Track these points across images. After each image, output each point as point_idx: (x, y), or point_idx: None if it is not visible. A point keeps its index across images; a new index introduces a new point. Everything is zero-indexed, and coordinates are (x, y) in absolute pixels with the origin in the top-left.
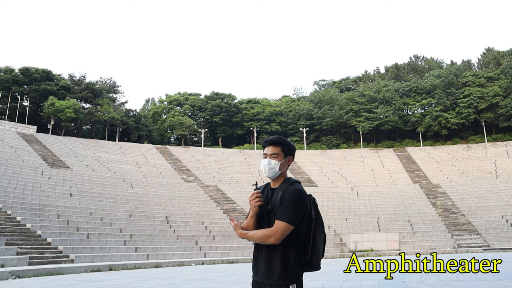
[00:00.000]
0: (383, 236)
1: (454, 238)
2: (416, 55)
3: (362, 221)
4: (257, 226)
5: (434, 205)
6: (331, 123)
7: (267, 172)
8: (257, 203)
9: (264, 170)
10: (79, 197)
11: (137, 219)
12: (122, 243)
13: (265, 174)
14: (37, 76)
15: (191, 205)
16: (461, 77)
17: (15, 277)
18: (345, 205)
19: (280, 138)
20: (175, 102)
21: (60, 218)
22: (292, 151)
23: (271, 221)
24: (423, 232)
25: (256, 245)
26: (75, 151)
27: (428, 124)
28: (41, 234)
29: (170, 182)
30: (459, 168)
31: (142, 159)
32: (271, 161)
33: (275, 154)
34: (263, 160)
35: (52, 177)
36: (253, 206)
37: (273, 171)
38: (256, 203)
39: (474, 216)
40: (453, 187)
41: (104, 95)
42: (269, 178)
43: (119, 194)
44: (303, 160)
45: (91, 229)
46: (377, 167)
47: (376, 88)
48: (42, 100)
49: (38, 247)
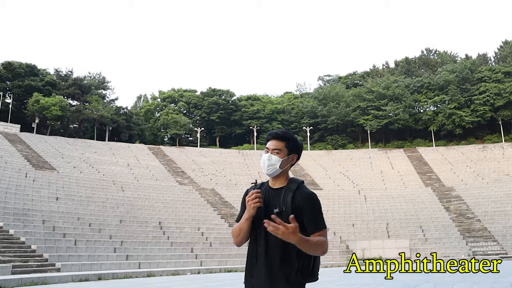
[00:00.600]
0: (392, 243)
1: (469, 245)
2: (428, 48)
3: (370, 227)
4: (250, 230)
5: (447, 209)
6: (336, 122)
7: (266, 169)
8: (256, 204)
9: (263, 166)
10: (66, 201)
11: (128, 225)
12: (112, 250)
13: (264, 171)
14: (21, 71)
15: (186, 210)
16: (476, 72)
17: None
18: (352, 209)
19: (286, 133)
20: (169, 99)
21: (46, 224)
22: (298, 149)
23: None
24: (435, 239)
25: (250, 253)
26: (61, 152)
27: (441, 123)
28: (25, 241)
29: (163, 185)
30: (474, 170)
31: (134, 160)
32: (272, 156)
33: (278, 149)
34: (264, 154)
35: (37, 180)
36: (251, 208)
37: (272, 168)
38: (255, 204)
39: (491, 222)
40: (468, 190)
41: (93, 91)
42: (268, 175)
43: (109, 198)
44: (307, 161)
45: (79, 236)
46: (386, 169)
47: (385, 84)
48: (26, 97)
49: (21, 255)
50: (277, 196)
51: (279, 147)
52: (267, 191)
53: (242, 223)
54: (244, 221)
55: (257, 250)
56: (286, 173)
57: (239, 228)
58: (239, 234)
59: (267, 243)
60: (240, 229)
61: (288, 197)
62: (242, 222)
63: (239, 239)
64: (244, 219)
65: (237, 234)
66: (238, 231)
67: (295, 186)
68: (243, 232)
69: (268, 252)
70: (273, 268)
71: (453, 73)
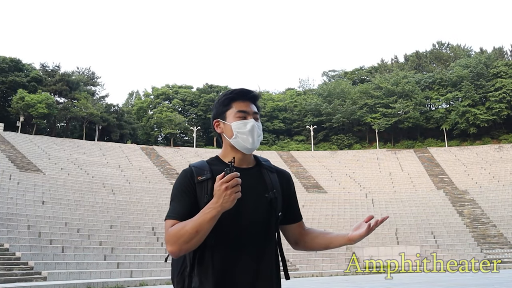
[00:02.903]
0: (402, 250)
1: (484, 253)
2: (440, 41)
3: (378, 232)
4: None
5: (461, 214)
6: (342, 120)
7: (256, 140)
8: (237, 194)
9: (250, 136)
10: (53, 205)
11: (120, 231)
12: (102, 257)
13: (248, 149)
14: (4, 66)
15: None
16: (492, 67)
17: None
18: (359, 214)
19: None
20: (163, 96)
21: (31, 230)
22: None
23: (271, 215)
24: (448, 246)
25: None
26: (48, 152)
27: (454, 121)
28: (8, 248)
29: (157, 188)
30: (489, 172)
31: (125, 161)
32: (259, 124)
33: (259, 114)
34: (250, 120)
35: (21, 182)
36: (231, 199)
37: (259, 141)
38: (235, 193)
39: (507, 227)
40: (483, 193)
41: (82, 87)
42: (250, 150)
43: (99, 202)
44: (310, 162)
45: (67, 242)
46: (395, 171)
47: (394, 80)
48: (10, 94)
49: (5, 263)
50: (251, 178)
51: (258, 111)
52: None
53: (205, 220)
54: (209, 217)
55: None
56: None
57: (195, 229)
58: (193, 237)
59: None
60: (198, 230)
61: (273, 178)
62: (204, 220)
63: (190, 245)
64: (209, 216)
65: (189, 237)
66: (193, 233)
67: (270, 164)
68: (202, 234)
69: (255, 243)
70: (272, 266)
71: (467, 68)
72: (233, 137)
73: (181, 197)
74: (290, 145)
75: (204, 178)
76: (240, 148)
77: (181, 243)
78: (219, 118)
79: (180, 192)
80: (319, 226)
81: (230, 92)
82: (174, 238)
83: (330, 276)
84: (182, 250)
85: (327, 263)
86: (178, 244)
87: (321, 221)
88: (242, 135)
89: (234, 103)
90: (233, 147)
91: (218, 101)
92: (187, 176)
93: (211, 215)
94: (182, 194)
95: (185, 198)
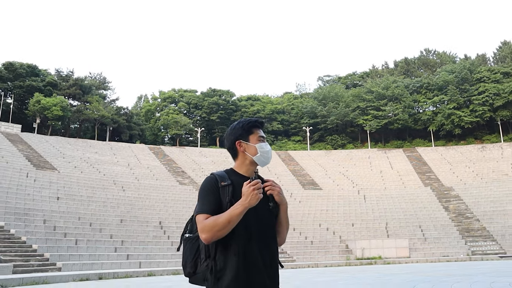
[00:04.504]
0: (392, 242)
1: (468, 245)
2: (427, 49)
3: (369, 226)
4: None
5: (446, 209)
6: (336, 122)
7: (269, 160)
8: (260, 194)
9: (269, 157)
10: (67, 201)
11: (129, 224)
12: (112, 250)
13: (265, 163)
14: (22, 72)
15: (187, 210)
16: (475, 73)
17: None
18: (351, 209)
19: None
20: (169, 99)
21: (47, 223)
22: None
23: (270, 219)
24: (435, 239)
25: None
26: (62, 152)
27: (440, 123)
28: (26, 241)
29: (164, 185)
30: (473, 170)
31: (134, 160)
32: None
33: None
34: (264, 144)
35: (38, 180)
36: (255, 198)
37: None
38: (259, 194)
39: (490, 221)
40: (467, 190)
41: (94, 91)
42: (266, 164)
43: (110, 198)
44: (306, 161)
45: (80, 235)
46: (385, 169)
47: (385, 84)
48: (27, 97)
49: (22, 255)
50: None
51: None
52: (239, 181)
53: (235, 214)
54: (239, 212)
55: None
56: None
57: (228, 220)
58: (226, 227)
59: (263, 230)
60: (230, 221)
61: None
62: (235, 213)
63: (222, 233)
64: (239, 210)
65: (222, 227)
66: (226, 223)
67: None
68: (232, 224)
69: (262, 238)
70: (276, 256)
71: (452, 73)
72: (258, 155)
73: (209, 197)
74: (287, 145)
75: (226, 184)
76: (260, 163)
77: (215, 231)
78: (242, 139)
79: (208, 193)
80: (314, 220)
81: (252, 120)
82: (209, 227)
83: (325, 267)
84: (214, 236)
85: (322, 255)
86: (213, 232)
87: (316, 216)
88: (264, 153)
89: (254, 129)
90: (251, 162)
91: (240, 127)
92: (212, 181)
93: (241, 210)
94: (210, 194)
95: (212, 198)
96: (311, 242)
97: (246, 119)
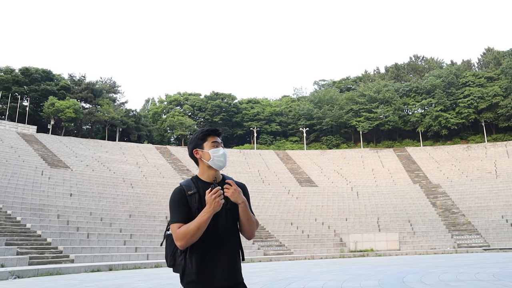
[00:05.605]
0: (383, 236)
1: (454, 238)
2: (416, 55)
3: (362, 221)
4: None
5: (434, 205)
6: (331, 123)
7: (225, 160)
8: (221, 200)
9: (223, 160)
10: (79, 197)
11: (137, 219)
12: (122, 243)
13: (221, 166)
14: (37, 76)
15: None
16: (461, 77)
17: (15, 277)
18: (345, 205)
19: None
20: (175, 102)
21: (60, 218)
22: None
23: (228, 220)
24: (423, 232)
25: (203, 249)
26: (75, 151)
27: (428, 124)
28: (41, 234)
29: (170, 182)
30: (459, 168)
31: (142, 159)
32: (225, 150)
33: (222, 143)
34: (221, 149)
35: (52, 177)
36: (218, 205)
37: (227, 160)
38: (221, 200)
39: (474, 216)
40: (453, 187)
41: (104, 95)
42: (222, 168)
43: (119, 194)
44: (303, 160)
45: (91, 229)
46: (377, 167)
47: (376, 88)
48: (42, 100)
49: (38, 247)
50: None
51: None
52: (204, 187)
53: (203, 220)
54: (206, 219)
55: (212, 243)
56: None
57: (197, 227)
58: (196, 233)
59: (221, 232)
60: (199, 228)
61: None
62: (203, 220)
63: (193, 239)
64: (205, 217)
65: (193, 234)
66: (196, 230)
67: (232, 180)
68: (201, 230)
69: (225, 240)
70: (236, 255)
71: (439, 78)
72: (211, 159)
73: (180, 208)
74: (285, 145)
75: (192, 192)
76: (216, 167)
77: (187, 238)
78: (198, 148)
79: (178, 203)
80: (310, 215)
81: (204, 129)
82: (182, 235)
83: (320, 259)
84: (188, 243)
85: (318, 248)
86: (186, 239)
87: (312, 211)
88: (217, 157)
89: (209, 137)
90: (209, 167)
91: (195, 137)
92: (181, 192)
93: (207, 216)
94: (180, 205)
95: (183, 208)
96: (307, 236)
97: (201, 129)
